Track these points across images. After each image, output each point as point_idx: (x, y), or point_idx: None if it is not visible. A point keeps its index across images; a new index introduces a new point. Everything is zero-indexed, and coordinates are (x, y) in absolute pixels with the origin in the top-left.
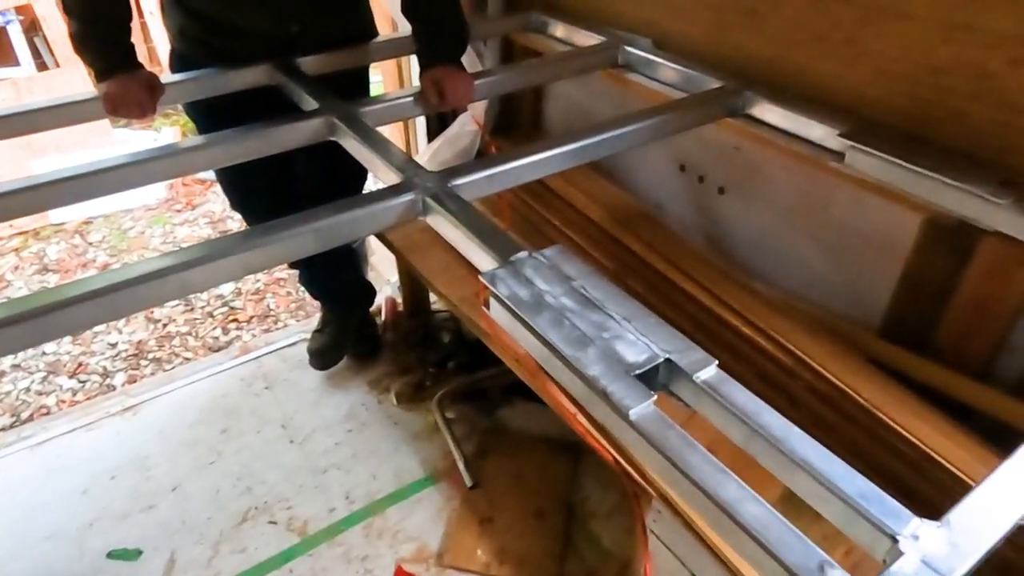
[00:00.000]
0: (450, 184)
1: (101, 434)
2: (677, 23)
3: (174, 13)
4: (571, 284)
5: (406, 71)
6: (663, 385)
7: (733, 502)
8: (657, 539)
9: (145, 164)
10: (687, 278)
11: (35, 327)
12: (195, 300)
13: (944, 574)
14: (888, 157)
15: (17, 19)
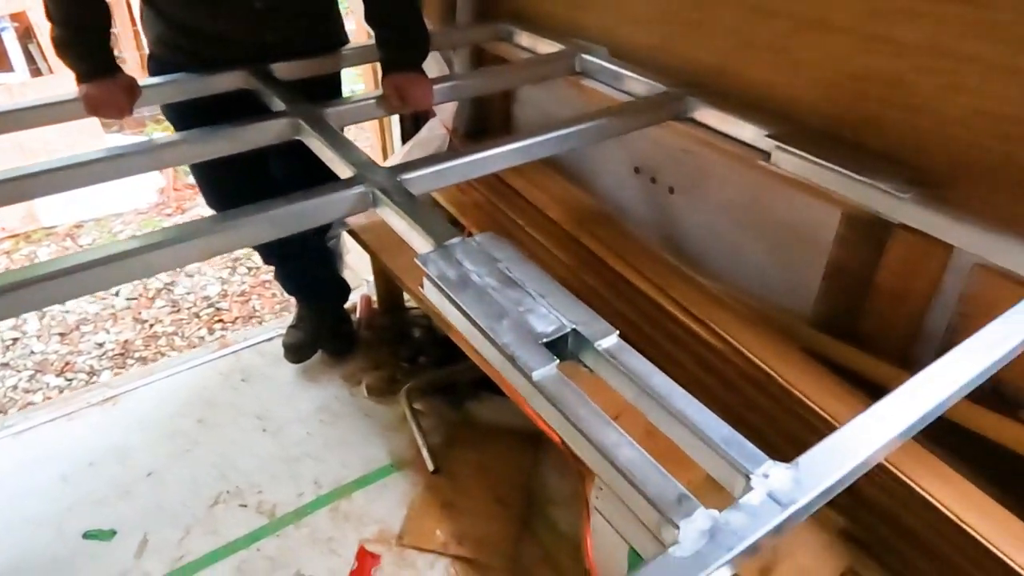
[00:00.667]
0: (399, 178)
1: (82, 424)
2: (630, 33)
3: (152, 21)
4: (496, 265)
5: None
6: (572, 354)
7: (611, 446)
8: (599, 514)
9: (122, 159)
10: (637, 273)
11: (12, 300)
12: (182, 301)
13: (784, 504)
14: (808, 156)
15: (12, 26)
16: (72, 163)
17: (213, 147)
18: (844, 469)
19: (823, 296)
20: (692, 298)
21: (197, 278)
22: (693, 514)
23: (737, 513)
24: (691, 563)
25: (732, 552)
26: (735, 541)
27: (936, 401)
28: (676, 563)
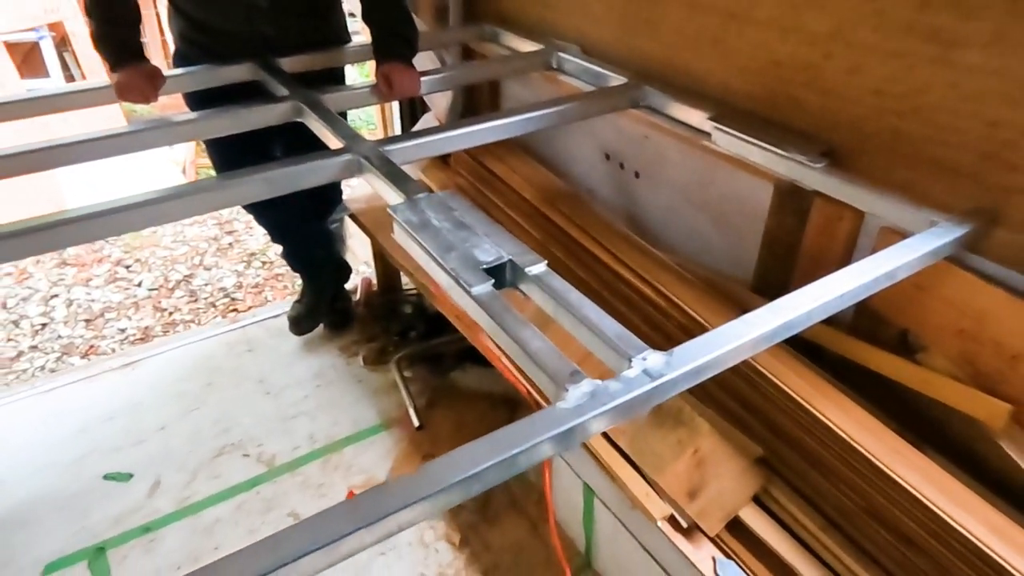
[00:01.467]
0: (382, 149)
1: (102, 385)
2: (597, 31)
3: (176, 20)
4: (452, 214)
5: None
6: (510, 283)
7: (526, 339)
8: (560, 458)
9: (145, 132)
10: (597, 244)
11: (40, 239)
12: (200, 291)
13: (654, 377)
14: (741, 135)
15: (49, 35)
16: (101, 136)
17: (224, 125)
18: (707, 358)
19: (761, 263)
20: (644, 265)
21: (215, 271)
22: (580, 382)
23: (615, 383)
24: (571, 413)
25: (606, 407)
26: (608, 400)
27: (790, 317)
28: (560, 413)
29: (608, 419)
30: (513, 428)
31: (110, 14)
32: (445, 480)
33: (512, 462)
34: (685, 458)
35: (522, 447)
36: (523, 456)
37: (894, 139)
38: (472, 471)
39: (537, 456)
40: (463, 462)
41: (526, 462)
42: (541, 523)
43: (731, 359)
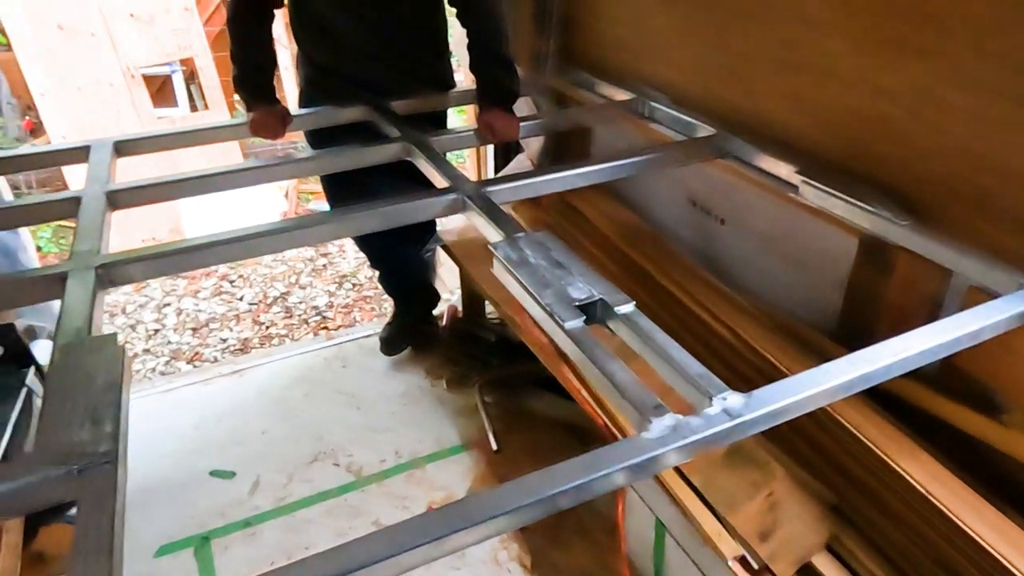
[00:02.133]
0: (483, 190)
1: (213, 388)
2: (685, 83)
3: (303, 66)
4: (548, 253)
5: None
6: (600, 320)
7: (613, 372)
8: (633, 491)
9: (271, 168)
10: (677, 286)
11: (181, 259)
12: (294, 308)
13: (733, 416)
14: (828, 189)
15: (181, 69)
16: (238, 168)
17: (343, 162)
18: (785, 402)
19: (842, 313)
20: (723, 308)
21: (309, 290)
22: (663, 416)
23: (697, 419)
24: (654, 443)
25: (686, 441)
26: (690, 434)
27: (871, 369)
28: (644, 442)
29: (687, 452)
30: (599, 453)
31: (250, 61)
32: (543, 492)
33: (596, 484)
34: (758, 500)
35: (605, 471)
36: (606, 480)
37: (981, 198)
38: (560, 488)
39: (619, 480)
40: (555, 479)
41: (608, 486)
42: (609, 553)
43: (809, 405)
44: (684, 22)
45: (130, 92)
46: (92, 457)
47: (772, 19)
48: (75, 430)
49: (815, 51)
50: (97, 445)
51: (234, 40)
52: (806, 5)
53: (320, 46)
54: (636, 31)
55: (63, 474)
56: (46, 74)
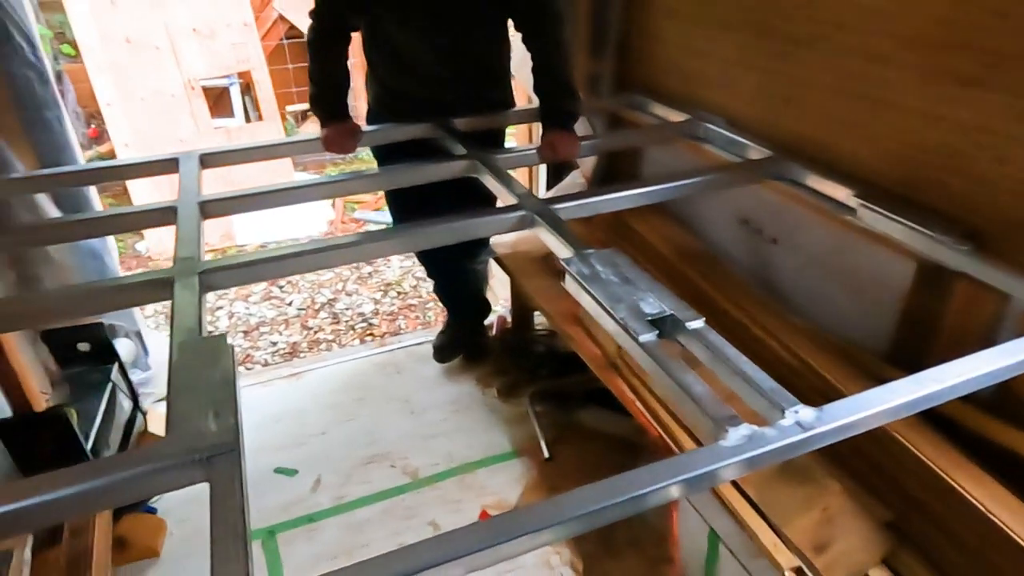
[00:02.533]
0: (551, 206)
1: (273, 390)
2: (742, 106)
3: (372, 85)
4: (618, 268)
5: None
6: (669, 334)
7: (689, 384)
8: (687, 502)
9: (346, 182)
10: (731, 303)
11: (274, 266)
12: (341, 315)
13: (806, 428)
14: (887, 213)
15: (238, 82)
16: (311, 183)
17: (412, 177)
18: (855, 417)
19: (896, 337)
20: (778, 327)
21: (355, 297)
22: (739, 426)
23: (771, 430)
24: (732, 451)
25: (763, 450)
26: (765, 444)
27: (934, 389)
28: (722, 450)
29: (762, 462)
30: (678, 460)
31: (327, 82)
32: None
33: (678, 487)
34: (814, 513)
35: (686, 475)
36: (685, 484)
37: None
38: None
39: (699, 485)
40: (640, 480)
41: (688, 491)
42: (660, 564)
43: (876, 421)
44: (741, 49)
45: (190, 103)
46: (219, 446)
47: (832, 50)
48: (201, 421)
49: (876, 81)
50: (222, 435)
51: (313, 61)
52: (868, 38)
53: (391, 68)
54: (692, 56)
55: (194, 461)
56: (112, 85)
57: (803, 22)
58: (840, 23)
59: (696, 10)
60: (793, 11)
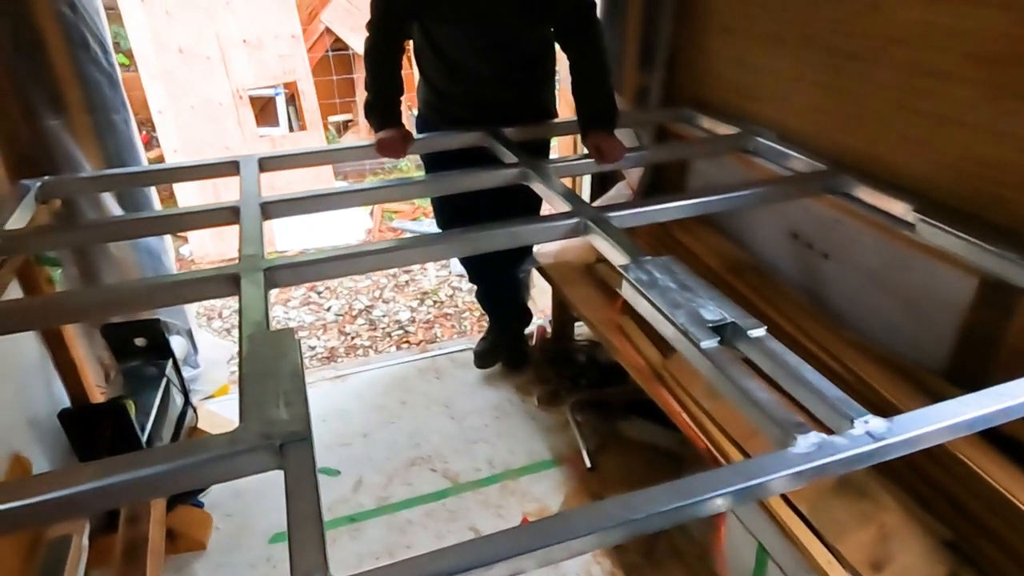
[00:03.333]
0: (604, 215)
1: (318, 391)
2: (795, 121)
3: (423, 88)
4: (675, 276)
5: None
6: (729, 342)
7: (753, 390)
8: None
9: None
10: (782, 316)
11: (334, 266)
12: (378, 321)
13: (876, 439)
14: (948, 228)
15: (284, 92)
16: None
17: (464, 183)
18: (926, 429)
19: (955, 354)
20: (832, 341)
21: (392, 304)
22: (808, 434)
23: (841, 439)
24: (802, 458)
25: (832, 458)
26: (835, 452)
27: (1007, 404)
28: (792, 457)
29: (832, 469)
30: (747, 464)
31: (382, 90)
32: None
33: (748, 492)
34: (870, 530)
35: (757, 480)
36: (758, 488)
37: None
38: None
39: (768, 491)
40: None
41: (760, 494)
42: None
43: (946, 435)
44: (796, 63)
45: (237, 111)
46: (292, 434)
47: (891, 65)
48: (273, 410)
49: (937, 96)
50: (294, 423)
51: (369, 70)
52: (929, 54)
53: (440, 71)
54: (744, 70)
55: (268, 448)
56: (164, 93)
57: (861, 37)
58: (899, 38)
59: (750, 25)
60: (850, 26)
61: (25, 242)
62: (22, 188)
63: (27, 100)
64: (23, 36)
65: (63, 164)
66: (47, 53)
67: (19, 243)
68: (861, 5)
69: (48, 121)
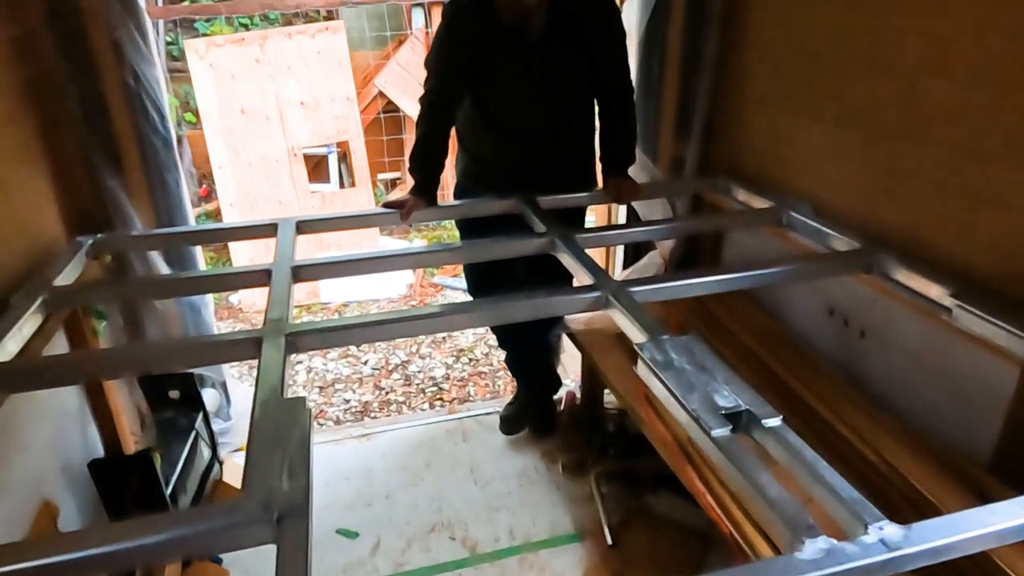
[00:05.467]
0: (627, 289)
1: (344, 449)
2: (831, 195)
3: (460, 161)
4: (694, 357)
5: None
6: (744, 429)
7: (764, 485)
8: None
9: (431, 254)
10: (816, 397)
11: (357, 333)
12: (413, 377)
13: (890, 548)
14: (987, 316)
15: (336, 150)
16: (395, 253)
17: (494, 252)
18: (948, 540)
19: (1000, 444)
20: (867, 427)
21: (428, 360)
22: (817, 538)
23: (851, 546)
24: (807, 565)
25: (839, 567)
26: (845, 561)
27: None
28: (796, 563)
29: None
30: (744, 570)
31: (426, 157)
32: None
33: None
34: None
35: None
36: None
37: None
38: None
39: None
40: None
41: None
42: None
43: (975, 546)
44: (831, 139)
45: (291, 168)
46: (289, 507)
47: (928, 144)
48: (275, 479)
49: (976, 177)
50: (293, 496)
51: (417, 136)
52: (968, 134)
53: (482, 135)
54: (780, 143)
55: (265, 520)
56: (225, 149)
57: (898, 115)
58: (938, 118)
59: (785, 99)
60: (887, 104)
61: (73, 298)
62: (77, 244)
63: (90, 161)
64: (90, 103)
65: (117, 220)
66: (111, 118)
67: (68, 298)
68: (898, 83)
69: (108, 181)
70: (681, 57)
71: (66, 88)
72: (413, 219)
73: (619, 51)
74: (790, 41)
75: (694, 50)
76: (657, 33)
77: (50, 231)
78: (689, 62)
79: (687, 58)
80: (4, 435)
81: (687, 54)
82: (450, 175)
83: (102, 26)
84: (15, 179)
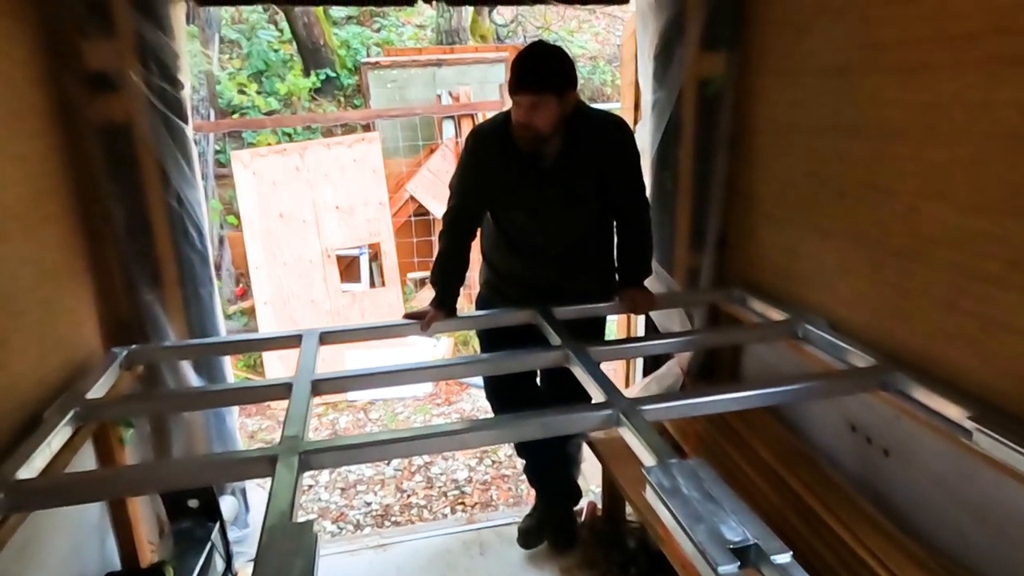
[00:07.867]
0: (638, 407)
1: (359, 559)
2: (845, 310)
3: (483, 273)
4: (701, 484)
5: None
6: (753, 564)
7: None
8: None
9: (449, 367)
10: (836, 519)
11: (370, 451)
12: (435, 479)
13: None
14: (1008, 442)
15: (368, 252)
16: (413, 367)
17: (509, 365)
18: None
19: None
20: (891, 554)
21: (451, 462)
22: None
23: None
24: None
25: None
26: None
27: None
28: None
29: None
30: None
31: (446, 273)
32: None
33: None
34: None
35: None
36: None
37: None
38: None
39: None
40: None
41: None
42: None
43: None
44: (841, 255)
45: (323, 268)
46: None
47: (936, 264)
48: None
49: (984, 299)
50: None
51: (439, 251)
52: (973, 257)
53: (504, 252)
54: (792, 257)
55: None
56: (262, 251)
57: (903, 236)
58: (941, 240)
59: (794, 216)
60: (892, 226)
61: (104, 411)
62: (112, 356)
63: (130, 276)
64: (135, 222)
65: (151, 331)
66: (153, 237)
67: (98, 411)
68: (901, 207)
69: (145, 296)
70: (693, 175)
71: (112, 208)
72: (433, 330)
73: (634, 173)
74: (796, 163)
75: (705, 169)
76: (669, 152)
77: (88, 343)
78: (701, 179)
79: (699, 176)
80: (23, 550)
81: (698, 172)
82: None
83: (150, 150)
84: (58, 296)
